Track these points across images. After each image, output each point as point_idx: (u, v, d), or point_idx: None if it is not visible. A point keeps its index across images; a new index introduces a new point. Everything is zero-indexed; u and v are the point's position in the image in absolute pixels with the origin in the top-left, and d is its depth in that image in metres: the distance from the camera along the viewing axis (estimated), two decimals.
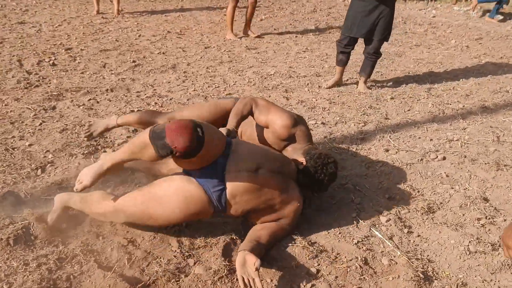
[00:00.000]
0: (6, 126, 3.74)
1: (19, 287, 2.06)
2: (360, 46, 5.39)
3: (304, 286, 2.26)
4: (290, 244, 2.54)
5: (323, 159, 2.68)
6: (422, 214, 2.91)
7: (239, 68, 5.89)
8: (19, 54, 5.73)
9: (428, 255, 2.55)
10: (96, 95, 4.61)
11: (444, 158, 3.61)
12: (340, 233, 2.68)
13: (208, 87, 5.10)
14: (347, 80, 5.58)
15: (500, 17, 9.78)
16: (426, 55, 6.97)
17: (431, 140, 3.93)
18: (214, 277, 2.24)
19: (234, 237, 2.57)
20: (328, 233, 2.68)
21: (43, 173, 3.07)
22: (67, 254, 2.34)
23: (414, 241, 2.67)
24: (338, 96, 4.97)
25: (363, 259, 2.46)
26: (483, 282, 2.36)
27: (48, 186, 2.90)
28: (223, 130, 2.65)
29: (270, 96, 4.85)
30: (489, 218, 2.87)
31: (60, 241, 2.44)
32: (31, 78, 4.91)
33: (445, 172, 3.41)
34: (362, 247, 2.55)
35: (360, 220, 2.82)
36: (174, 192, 2.31)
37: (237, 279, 2.22)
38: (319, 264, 2.41)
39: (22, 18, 7.75)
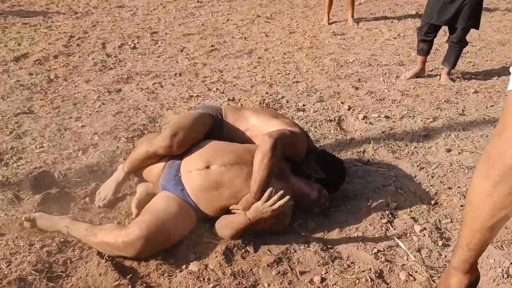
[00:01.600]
0: (68, 107, 3.91)
1: (15, 266, 2.13)
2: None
3: None
4: (302, 247, 2.37)
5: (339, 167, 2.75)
6: None
7: (317, 54, 5.66)
8: (106, 37, 5.99)
9: None
10: (164, 79, 4.67)
11: None
12: (362, 240, 2.45)
13: (278, 74, 4.95)
14: (432, 70, 5.13)
15: None
16: None
17: None
18: (205, 277, 2.14)
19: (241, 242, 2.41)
20: (350, 239, 2.46)
21: (83, 155, 3.15)
22: (73, 238, 2.37)
23: (446, 256, 2.37)
24: (414, 88, 4.59)
25: (378, 271, 2.22)
26: None
27: (81, 168, 2.97)
28: None
29: (339, 85, 4.60)
30: None
31: None
32: (108, 61, 5.11)
33: None
34: (381, 258, 2.31)
35: (390, 228, 2.55)
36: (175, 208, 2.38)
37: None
38: (327, 272, 2.22)
39: (122, 2, 8.12)
